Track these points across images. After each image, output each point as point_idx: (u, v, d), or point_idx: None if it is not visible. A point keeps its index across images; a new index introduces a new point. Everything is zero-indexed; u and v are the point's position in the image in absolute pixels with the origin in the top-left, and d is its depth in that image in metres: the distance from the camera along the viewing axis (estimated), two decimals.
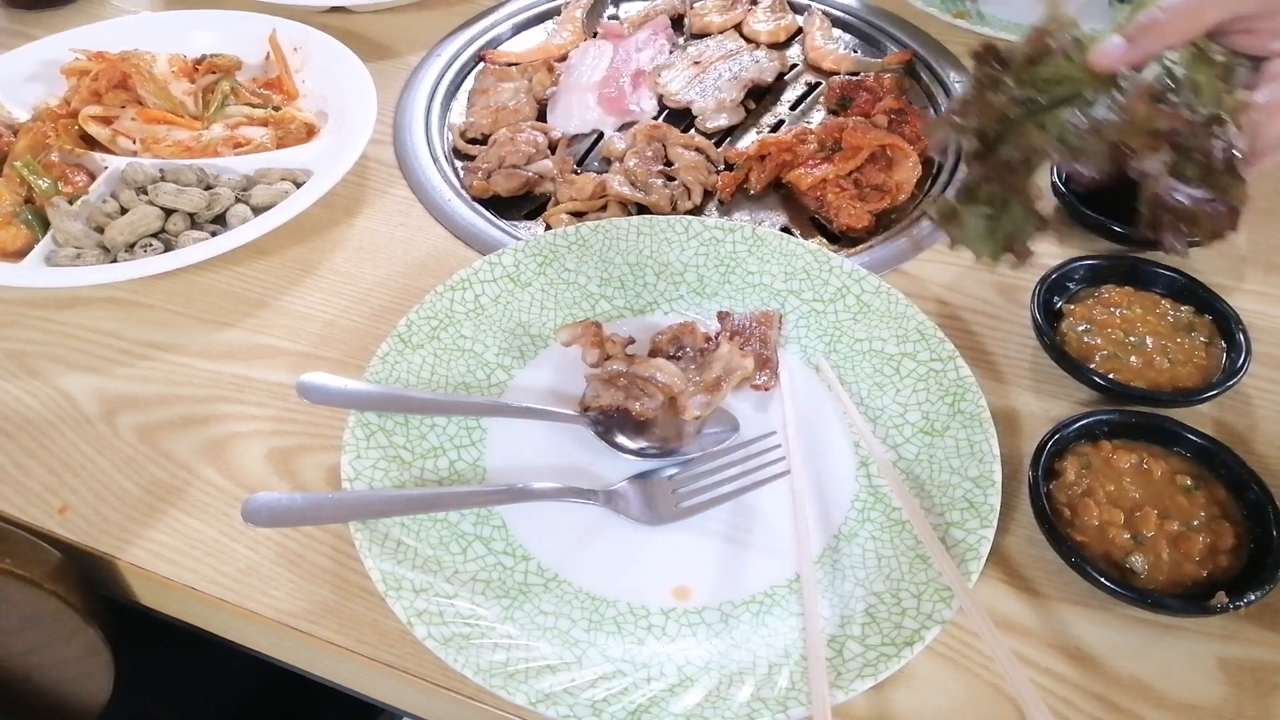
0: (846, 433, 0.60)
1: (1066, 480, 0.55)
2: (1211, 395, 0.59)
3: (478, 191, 0.78)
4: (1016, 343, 0.65)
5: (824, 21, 0.94)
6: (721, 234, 0.69)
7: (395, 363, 0.61)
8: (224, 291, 0.70)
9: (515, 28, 0.96)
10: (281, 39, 0.87)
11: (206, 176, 0.74)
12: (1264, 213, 0.74)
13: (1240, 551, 0.52)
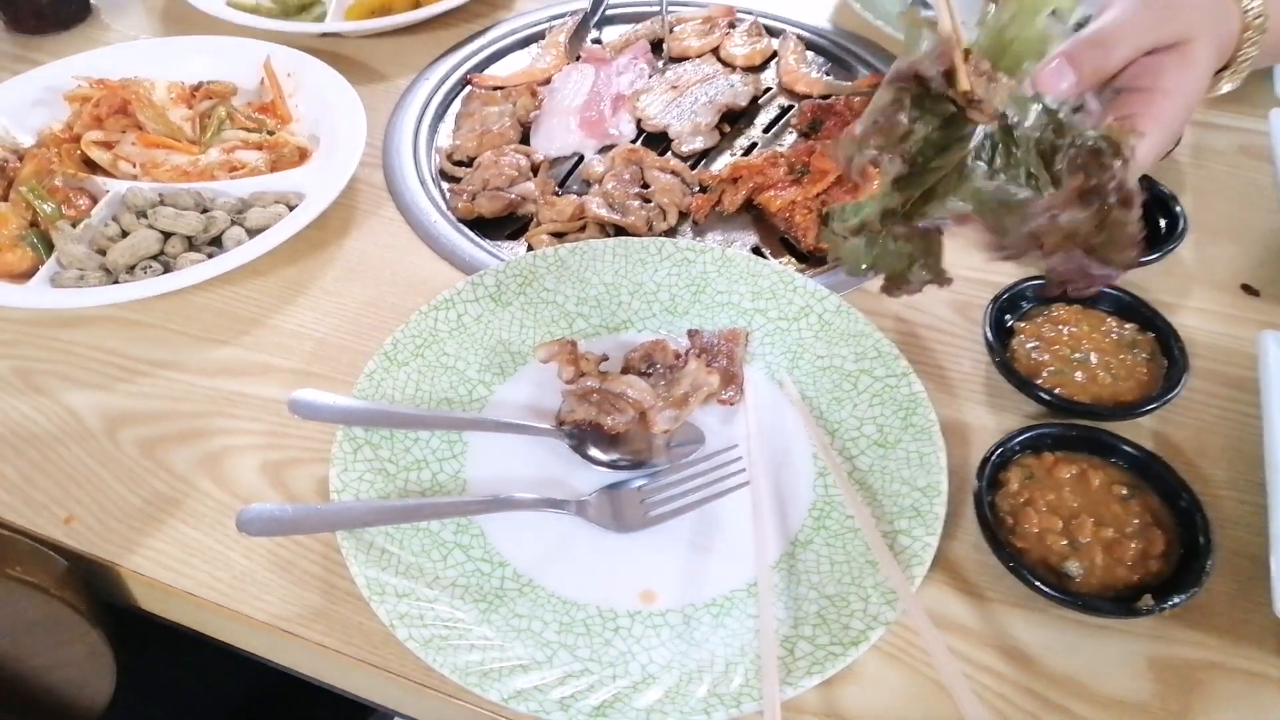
0: (806, 445, 0.63)
1: (1010, 490, 0.59)
2: (1149, 409, 0.62)
3: (463, 213, 0.82)
4: (971, 359, 0.69)
5: (798, 45, 0.97)
6: (693, 255, 0.73)
7: (382, 379, 0.64)
8: (220, 311, 0.73)
9: (500, 52, 0.99)
10: (275, 65, 0.91)
11: (203, 200, 0.78)
12: (1211, 234, 0.78)
13: (1170, 556, 0.56)
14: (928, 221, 0.51)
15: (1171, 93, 0.51)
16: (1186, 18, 0.53)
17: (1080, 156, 0.47)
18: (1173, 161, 0.83)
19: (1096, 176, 0.46)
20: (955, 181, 0.51)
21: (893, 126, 0.50)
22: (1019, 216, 0.48)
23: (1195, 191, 0.81)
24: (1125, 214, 0.45)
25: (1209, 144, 0.86)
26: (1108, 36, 0.51)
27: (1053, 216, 0.46)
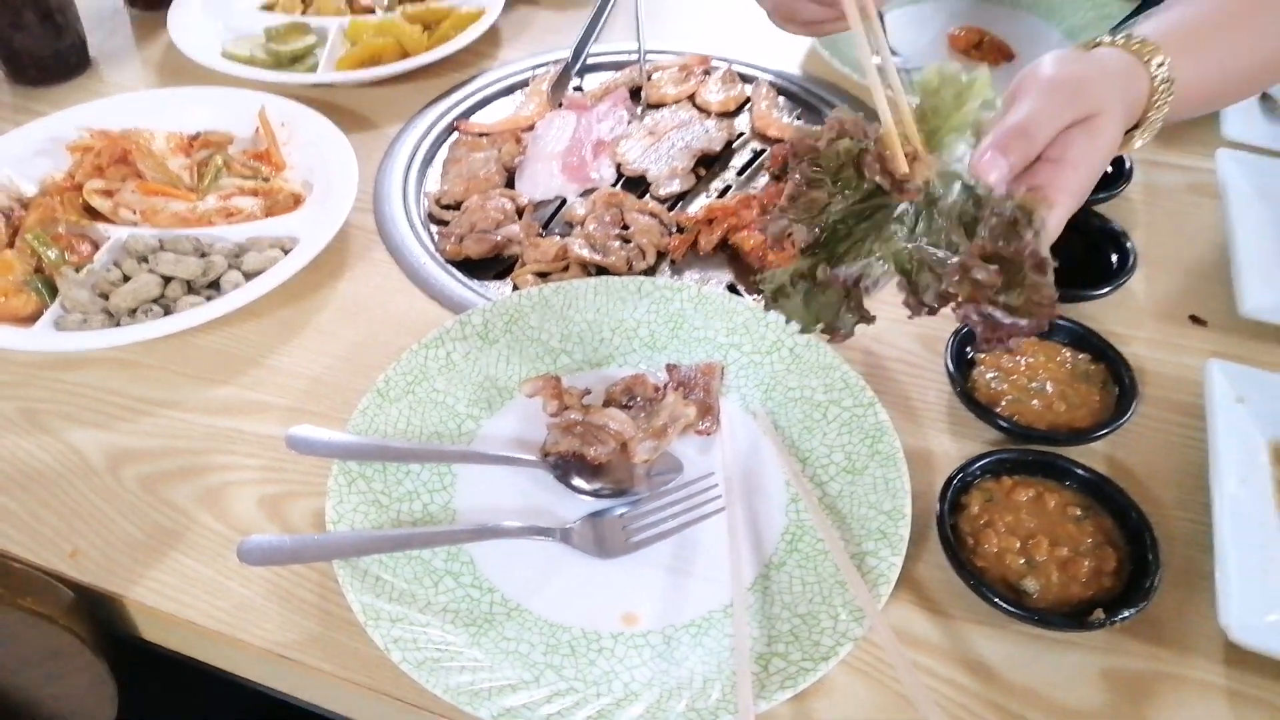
0: (779, 472, 0.67)
1: (971, 513, 0.62)
2: (1102, 435, 0.66)
3: (451, 255, 0.85)
4: (935, 389, 0.73)
5: (770, 91, 1.02)
6: (670, 293, 0.76)
7: (374, 415, 0.67)
8: (218, 351, 0.76)
9: (486, 100, 1.03)
10: (270, 114, 0.94)
11: (202, 245, 0.81)
12: (1161, 268, 0.82)
13: (1122, 573, 0.59)
14: (843, 273, 0.55)
15: (1079, 164, 0.55)
16: (1095, 93, 0.57)
17: (999, 226, 0.51)
18: (1125, 199, 0.87)
19: (1014, 244, 0.50)
20: (877, 245, 0.54)
21: (812, 201, 0.54)
22: (933, 273, 0.52)
23: (1146, 227, 0.86)
24: (1040, 278, 0.50)
25: (1160, 182, 0.90)
26: (1031, 125, 0.54)
27: (964, 272, 0.50)
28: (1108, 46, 0.64)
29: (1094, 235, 0.80)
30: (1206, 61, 0.66)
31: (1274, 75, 0.74)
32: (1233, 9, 0.69)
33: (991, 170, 0.53)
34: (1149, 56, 0.62)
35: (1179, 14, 0.68)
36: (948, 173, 0.54)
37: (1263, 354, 0.75)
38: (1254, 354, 0.75)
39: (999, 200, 0.52)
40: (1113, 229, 0.80)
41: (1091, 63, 0.61)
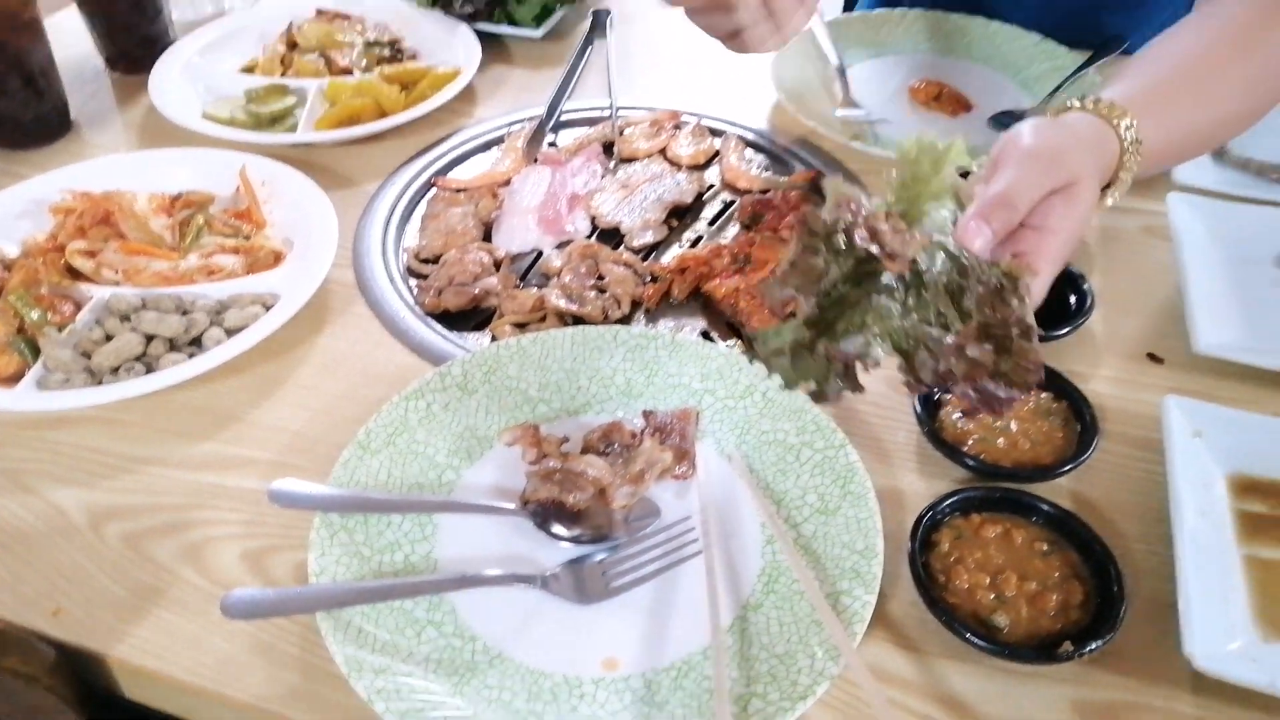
0: (754, 515, 0.68)
1: (941, 550, 0.64)
2: (1065, 471, 0.68)
3: (430, 307, 0.87)
4: (904, 430, 0.74)
5: (739, 144, 1.05)
6: (645, 341, 0.78)
7: (356, 467, 0.69)
8: (200, 408, 0.77)
9: (462, 156, 1.06)
10: (251, 174, 0.96)
11: (184, 303, 0.82)
12: (1118, 308, 0.85)
13: (1089, 606, 0.61)
14: (842, 351, 0.56)
15: (1059, 231, 0.58)
16: (1073, 162, 0.60)
17: (985, 295, 0.53)
18: (1082, 243, 0.90)
19: (1000, 312, 0.52)
20: (870, 317, 0.56)
21: (810, 269, 0.56)
22: (930, 353, 0.54)
23: (1103, 270, 0.89)
24: (1027, 344, 0.52)
25: (1115, 225, 0.94)
26: (1013, 195, 0.57)
27: (960, 352, 0.52)
28: (1077, 111, 0.67)
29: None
30: (1170, 121, 0.70)
31: (1231, 131, 0.79)
32: (1192, 72, 0.74)
33: (976, 238, 0.55)
34: (1117, 119, 0.66)
35: (1142, 77, 0.72)
36: (931, 243, 0.56)
37: (1217, 389, 0.77)
38: (1209, 389, 0.77)
39: (984, 268, 0.54)
40: (1071, 271, 0.83)
41: (1066, 131, 0.64)
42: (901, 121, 1.09)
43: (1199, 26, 0.78)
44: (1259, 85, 0.76)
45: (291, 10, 1.25)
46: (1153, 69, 0.74)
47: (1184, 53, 0.76)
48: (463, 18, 1.22)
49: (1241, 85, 0.75)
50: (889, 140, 1.05)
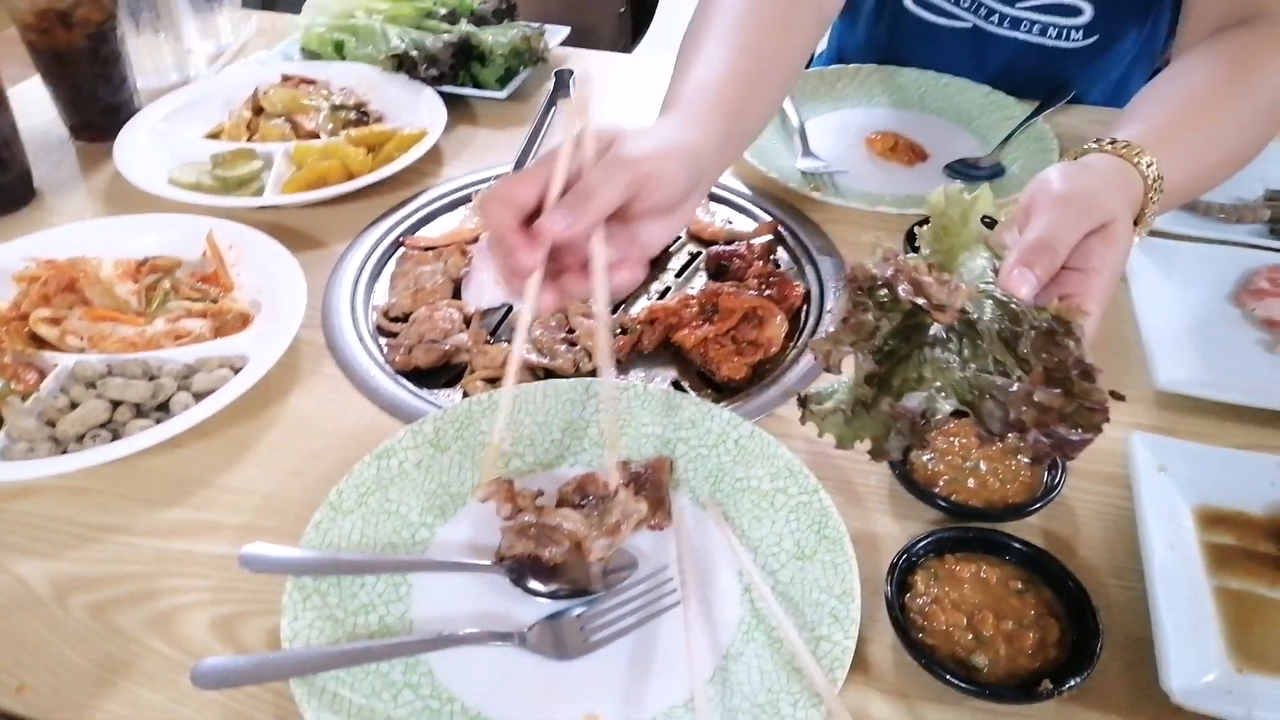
0: (731, 563, 0.68)
1: (918, 591, 0.64)
2: (1035, 509, 0.69)
3: (400, 365, 0.87)
4: (875, 473, 0.75)
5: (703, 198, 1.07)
6: (616, 392, 0.79)
7: (328, 529, 0.68)
8: (168, 473, 0.76)
9: (431, 215, 1.07)
10: (218, 237, 0.96)
11: (150, 368, 0.82)
12: None
13: (1065, 643, 0.61)
14: (907, 408, 0.56)
15: (1103, 271, 0.59)
16: (1106, 203, 0.61)
17: (1039, 339, 0.54)
18: None
19: (1057, 355, 0.53)
20: (929, 371, 0.57)
21: (862, 324, 0.57)
22: (997, 402, 0.54)
23: None
24: (1089, 384, 0.52)
25: None
26: (1053, 239, 0.58)
27: (1029, 398, 0.53)
28: (1097, 153, 0.69)
29: None
30: (1185, 157, 0.72)
31: (1237, 165, 0.82)
32: (1197, 110, 0.77)
33: (1022, 285, 0.56)
34: (1137, 158, 0.68)
35: (1151, 117, 0.75)
36: (978, 292, 0.57)
37: (1179, 424, 0.79)
38: (1171, 424, 0.79)
39: (1034, 313, 0.54)
40: None
41: (1093, 173, 0.65)
42: (860, 171, 1.11)
43: (1194, 68, 0.82)
44: (1258, 120, 0.80)
45: (257, 77, 1.27)
46: (1160, 109, 0.77)
47: (1187, 93, 0.79)
48: (427, 81, 1.24)
49: (1243, 121, 0.79)
50: (848, 190, 1.07)
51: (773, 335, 0.86)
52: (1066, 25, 1.15)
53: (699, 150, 0.66)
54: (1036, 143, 1.12)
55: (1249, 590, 0.65)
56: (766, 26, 0.79)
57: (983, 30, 1.19)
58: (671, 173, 0.63)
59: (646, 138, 0.63)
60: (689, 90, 0.72)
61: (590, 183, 0.60)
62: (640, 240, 0.65)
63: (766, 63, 0.78)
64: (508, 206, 0.61)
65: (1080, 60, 1.18)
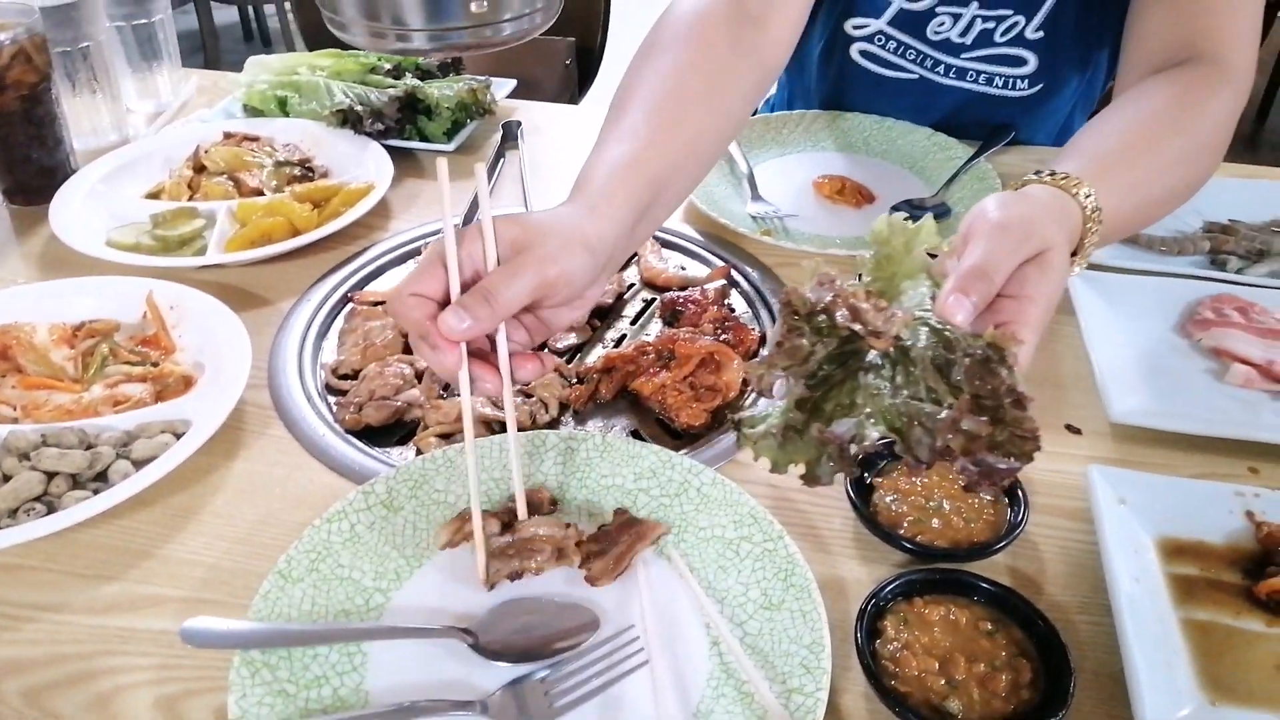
0: (698, 616, 0.66)
1: (888, 637, 0.63)
2: (1000, 547, 0.68)
3: (350, 424, 0.84)
4: (839, 516, 0.74)
5: (654, 245, 1.07)
6: (575, 444, 0.77)
7: (277, 598, 0.65)
8: (106, 546, 0.73)
9: (379, 269, 1.05)
10: (158, 298, 0.94)
11: (88, 437, 0.78)
12: (1033, 383, 0.87)
13: (1038, 683, 0.60)
14: (835, 434, 0.56)
15: (1038, 299, 0.60)
16: (1043, 231, 0.62)
17: (973, 367, 0.53)
18: None
19: (990, 383, 0.52)
20: (860, 397, 0.56)
21: (796, 350, 0.57)
22: (925, 430, 0.53)
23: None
24: (1021, 413, 0.52)
25: None
26: (988, 266, 0.58)
27: (955, 426, 0.52)
28: (1036, 184, 0.70)
29: None
30: (1124, 190, 0.74)
31: (1178, 199, 0.84)
32: (1136, 145, 0.79)
33: (957, 311, 0.56)
34: (1075, 189, 0.69)
35: (1091, 152, 0.76)
36: (914, 319, 0.57)
37: (1136, 455, 0.79)
38: (1128, 456, 0.79)
39: (969, 340, 0.54)
40: None
41: (1032, 202, 0.66)
42: (809, 215, 1.12)
43: (1134, 106, 0.84)
44: (1194, 157, 0.82)
45: (198, 135, 1.25)
46: (1101, 144, 0.79)
47: (1128, 128, 0.81)
48: (373, 135, 1.23)
49: (1180, 158, 0.81)
50: (799, 233, 1.08)
51: (731, 380, 0.85)
52: (1011, 75, 1.18)
53: (608, 241, 0.66)
54: (980, 182, 1.14)
55: (1216, 621, 0.65)
56: (694, 99, 0.78)
57: (929, 80, 1.22)
58: (579, 271, 0.63)
59: (554, 236, 0.63)
60: (604, 172, 0.70)
61: (494, 284, 0.60)
62: (546, 323, 0.66)
63: (692, 137, 0.77)
64: (419, 302, 0.61)
65: (1025, 106, 1.21)
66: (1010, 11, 1.13)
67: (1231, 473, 0.78)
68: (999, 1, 1.13)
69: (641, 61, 0.82)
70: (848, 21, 1.22)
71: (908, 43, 1.20)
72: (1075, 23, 1.12)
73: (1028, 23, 1.14)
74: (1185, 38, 0.88)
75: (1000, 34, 1.15)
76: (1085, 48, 1.16)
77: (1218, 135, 0.84)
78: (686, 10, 0.86)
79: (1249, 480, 0.77)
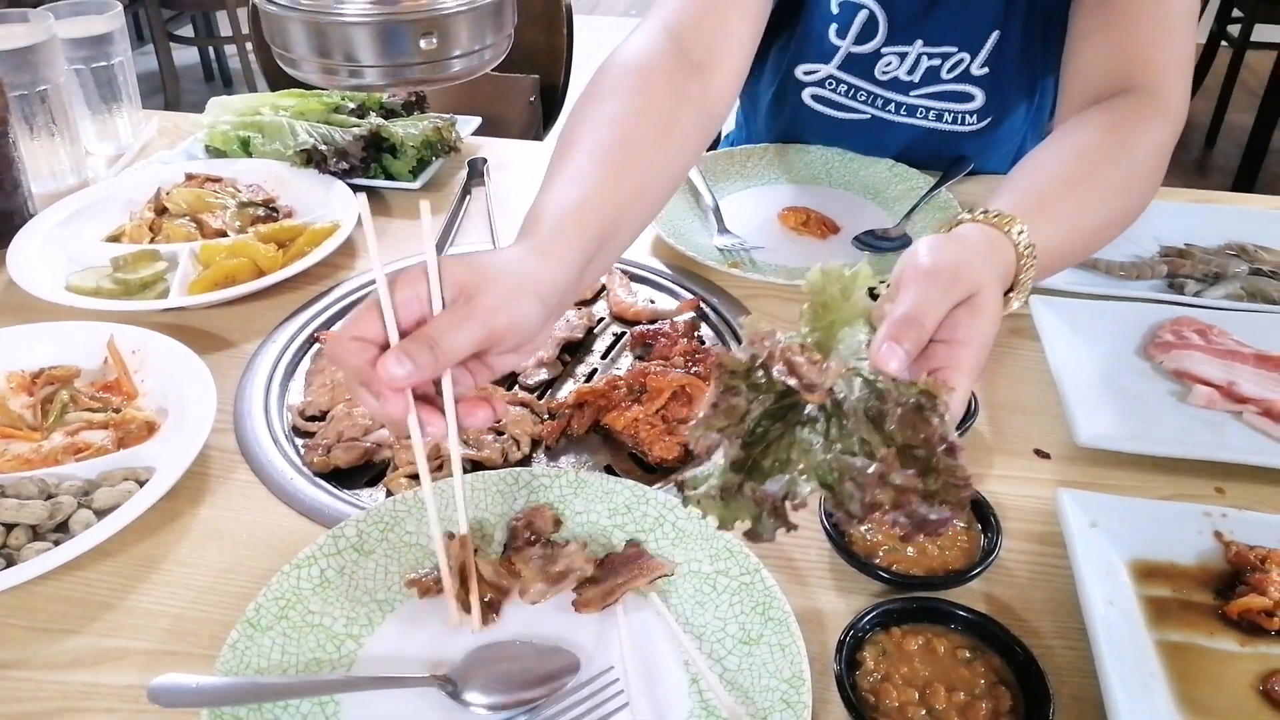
0: (677, 653, 0.66)
1: (867, 668, 0.63)
2: (975, 574, 0.69)
3: (319, 467, 0.83)
4: (815, 547, 0.74)
5: (623, 279, 1.07)
6: (549, 480, 0.77)
7: (245, 649, 0.63)
8: (68, 598, 0.71)
9: (346, 309, 1.04)
10: (119, 343, 0.92)
11: (48, 486, 0.76)
12: (1000, 409, 0.88)
13: (1019, 711, 0.60)
14: (767, 492, 0.55)
15: (969, 342, 0.60)
16: (973, 274, 0.62)
17: (906, 415, 0.53)
18: None
19: (923, 431, 0.52)
20: (796, 454, 0.56)
21: (731, 410, 0.56)
22: (856, 485, 0.53)
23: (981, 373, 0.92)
24: (953, 461, 0.52)
25: None
26: (920, 313, 0.58)
27: (883, 480, 0.52)
28: (969, 224, 0.71)
29: None
30: (1058, 225, 0.74)
31: (1114, 231, 0.85)
32: (1070, 180, 0.80)
33: (890, 360, 0.55)
34: (1008, 227, 0.69)
35: (1024, 188, 0.77)
36: (848, 370, 0.56)
37: (1104, 478, 0.80)
38: (1097, 479, 0.80)
39: (902, 388, 0.54)
40: None
41: (960, 244, 0.66)
42: (775, 246, 1.13)
43: (1069, 139, 0.85)
44: (1130, 187, 0.84)
45: (159, 177, 1.23)
46: (1034, 179, 0.80)
47: (1062, 162, 0.82)
48: (338, 174, 1.22)
49: (1115, 188, 0.82)
50: (766, 265, 1.09)
51: None
52: (960, 110, 1.21)
53: (560, 286, 0.65)
54: (941, 211, 1.15)
55: (1190, 642, 0.65)
56: (641, 145, 0.78)
57: (881, 119, 1.24)
58: (527, 320, 0.62)
59: (503, 282, 0.61)
60: (554, 213, 0.69)
61: (439, 331, 0.59)
62: (490, 368, 0.64)
63: (638, 183, 0.76)
64: (360, 347, 0.59)
65: (976, 139, 1.23)
66: (955, 49, 1.17)
67: (1198, 493, 0.79)
68: (943, 39, 1.16)
69: (586, 105, 0.81)
70: (797, 68, 1.24)
71: (857, 85, 1.22)
72: (1018, 56, 1.15)
73: (972, 59, 1.17)
74: (1120, 70, 0.91)
75: (946, 71, 1.18)
76: (1030, 79, 1.19)
77: (1151, 166, 0.86)
78: (630, 58, 0.86)
79: (1215, 500, 0.78)
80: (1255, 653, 0.65)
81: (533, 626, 0.68)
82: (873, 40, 1.18)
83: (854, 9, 1.17)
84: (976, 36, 1.15)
